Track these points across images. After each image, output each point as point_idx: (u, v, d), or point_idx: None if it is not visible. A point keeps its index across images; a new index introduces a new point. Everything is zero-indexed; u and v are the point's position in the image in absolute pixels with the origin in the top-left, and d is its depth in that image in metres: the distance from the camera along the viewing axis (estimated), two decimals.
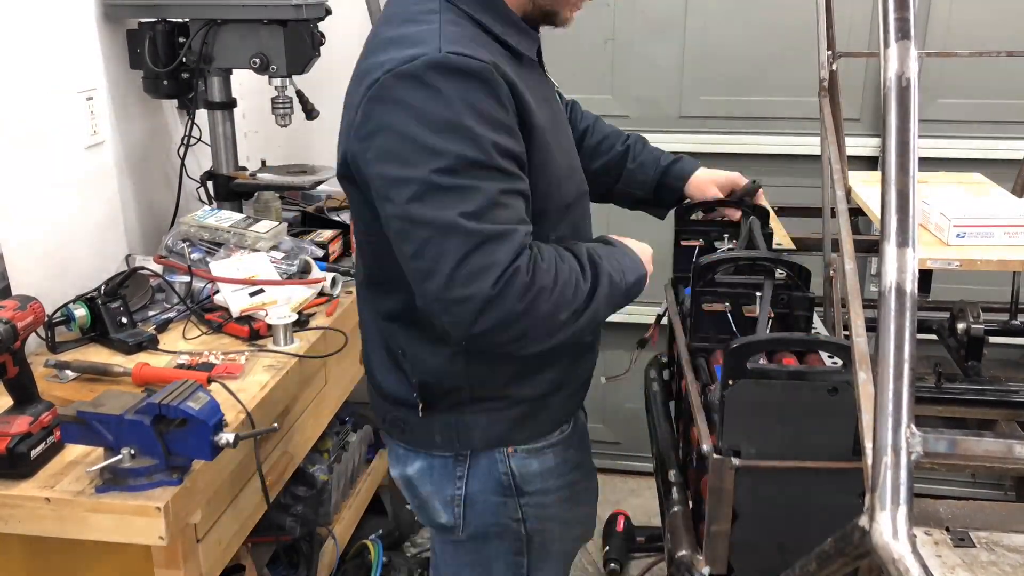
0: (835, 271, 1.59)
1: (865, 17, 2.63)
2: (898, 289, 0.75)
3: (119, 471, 1.33)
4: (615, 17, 2.76)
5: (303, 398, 1.86)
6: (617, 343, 3.04)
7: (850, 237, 1.38)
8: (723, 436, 1.22)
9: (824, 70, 1.74)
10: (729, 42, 2.74)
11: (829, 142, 1.63)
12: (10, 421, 1.38)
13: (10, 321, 1.36)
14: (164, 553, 1.38)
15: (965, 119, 2.69)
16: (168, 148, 2.33)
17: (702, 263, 1.49)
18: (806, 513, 1.22)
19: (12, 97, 1.77)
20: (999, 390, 1.76)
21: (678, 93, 2.80)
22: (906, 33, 0.79)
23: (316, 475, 2.18)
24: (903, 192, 0.76)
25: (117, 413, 1.32)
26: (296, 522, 2.11)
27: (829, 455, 1.20)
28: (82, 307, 1.80)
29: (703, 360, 1.49)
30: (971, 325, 1.83)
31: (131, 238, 2.15)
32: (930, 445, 0.74)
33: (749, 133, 2.79)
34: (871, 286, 2.71)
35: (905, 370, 0.74)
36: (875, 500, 0.72)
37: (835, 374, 1.20)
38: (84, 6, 2.00)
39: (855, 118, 2.72)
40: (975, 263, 1.48)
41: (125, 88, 2.14)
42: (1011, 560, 1.21)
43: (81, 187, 1.97)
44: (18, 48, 1.78)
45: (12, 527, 1.36)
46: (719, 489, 1.23)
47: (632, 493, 2.22)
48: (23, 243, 1.79)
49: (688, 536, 1.35)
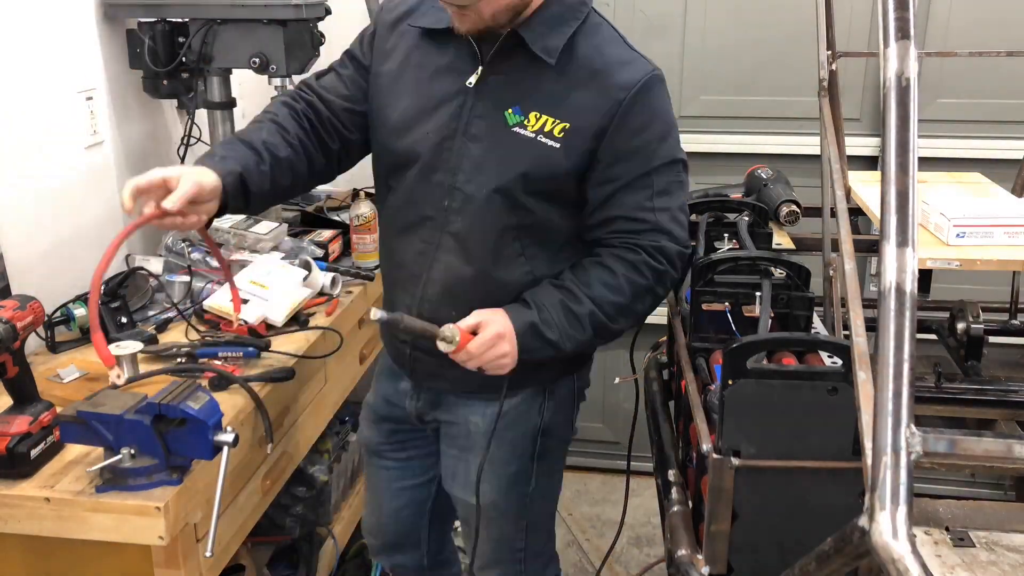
0: (835, 271, 1.59)
1: (865, 17, 2.63)
2: (898, 289, 0.75)
3: (119, 471, 1.33)
4: (615, 17, 2.76)
5: (303, 398, 1.86)
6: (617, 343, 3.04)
7: (850, 237, 1.38)
8: (723, 436, 1.22)
9: (824, 70, 1.74)
10: (729, 42, 2.74)
11: (829, 142, 1.63)
12: (10, 421, 1.38)
13: (10, 321, 1.35)
14: (164, 553, 1.38)
15: (965, 119, 2.69)
16: (168, 148, 2.33)
17: (702, 263, 1.49)
18: (806, 513, 1.22)
19: (12, 97, 1.77)
20: (999, 390, 1.76)
21: (678, 93, 2.80)
22: (906, 33, 0.79)
23: (316, 475, 2.18)
24: (903, 192, 0.76)
25: (117, 413, 1.32)
26: (296, 522, 2.11)
27: (829, 455, 1.20)
28: (82, 307, 1.80)
29: (703, 360, 1.49)
30: (971, 325, 1.83)
31: (131, 238, 2.15)
32: (930, 445, 0.74)
33: (749, 133, 2.79)
34: (871, 286, 2.71)
35: (905, 370, 0.74)
36: (875, 500, 0.72)
37: (835, 374, 1.20)
38: (84, 6, 2.00)
39: (855, 118, 2.72)
40: (975, 263, 1.48)
41: (125, 88, 2.14)
42: (1011, 560, 1.21)
43: (81, 187, 1.97)
44: (18, 48, 1.78)
45: (12, 527, 1.36)
46: (719, 489, 1.23)
47: (632, 493, 2.22)
48: (23, 243, 1.79)
49: (688, 536, 1.35)
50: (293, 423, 1.83)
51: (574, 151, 1.40)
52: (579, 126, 1.39)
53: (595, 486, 3.18)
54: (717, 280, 1.49)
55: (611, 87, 1.38)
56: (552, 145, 1.40)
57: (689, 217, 1.49)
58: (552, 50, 1.39)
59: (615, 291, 1.44)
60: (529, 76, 1.41)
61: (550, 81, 1.41)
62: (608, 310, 1.45)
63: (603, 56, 1.41)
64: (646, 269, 1.44)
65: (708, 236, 1.73)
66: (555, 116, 1.40)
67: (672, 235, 1.44)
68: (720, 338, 1.48)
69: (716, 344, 1.48)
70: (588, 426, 3.20)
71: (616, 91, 1.38)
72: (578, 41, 1.41)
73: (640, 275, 1.44)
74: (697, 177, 2.79)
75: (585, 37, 1.42)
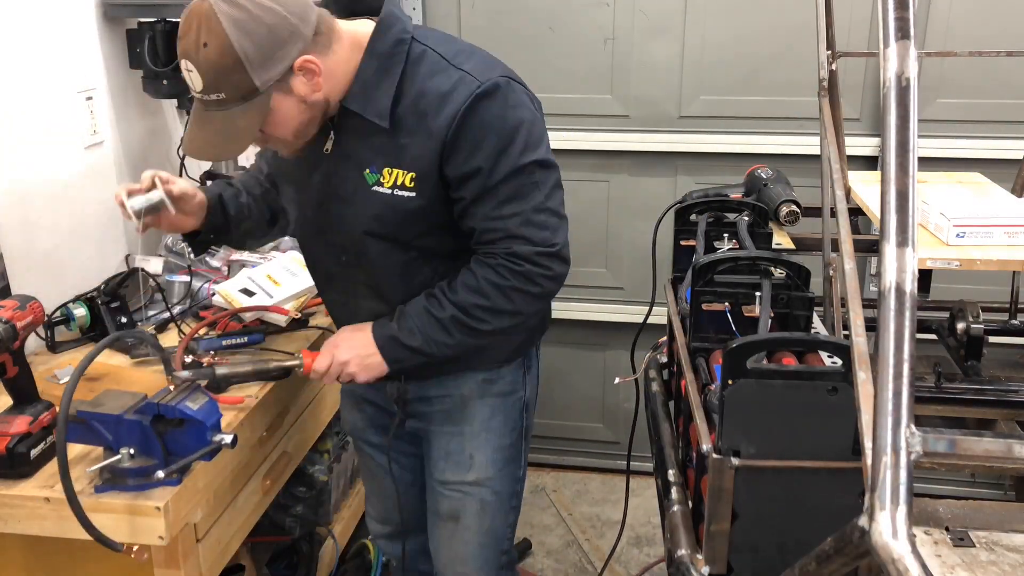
0: (835, 271, 1.59)
1: (865, 17, 2.63)
2: (898, 289, 0.75)
3: (118, 471, 1.33)
4: (615, 17, 2.76)
5: (303, 398, 1.86)
6: (618, 343, 3.04)
7: (850, 237, 1.38)
8: (723, 436, 1.22)
9: (824, 70, 1.74)
10: (729, 42, 2.74)
11: (829, 142, 1.63)
12: (10, 421, 1.38)
13: (9, 321, 1.35)
14: (164, 553, 1.38)
15: (965, 119, 2.69)
16: (168, 148, 2.33)
17: (702, 263, 1.49)
18: (806, 513, 1.22)
19: (12, 97, 1.77)
20: (998, 390, 1.76)
21: (678, 93, 2.80)
22: (906, 33, 0.79)
23: (316, 475, 2.18)
24: (903, 192, 0.76)
25: (116, 413, 1.33)
26: (296, 522, 2.11)
27: (829, 455, 1.20)
28: (82, 307, 1.80)
29: (703, 360, 1.49)
30: (971, 325, 1.83)
31: (131, 238, 2.15)
32: (930, 445, 0.74)
33: (749, 133, 2.79)
34: (871, 286, 2.71)
35: (905, 370, 0.74)
36: (875, 500, 0.71)
37: (835, 374, 1.20)
38: (84, 6, 2.00)
39: (855, 118, 2.72)
40: (975, 263, 1.48)
41: (125, 88, 2.14)
42: (1011, 560, 1.20)
43: (81, 187, 1.97)
44: (18, 48, 1.78)
45: (12, 527, 1.36)
46: (719, 489, 1.23)
47: (632, 493, 2.22)
48: (23, 243, 1.79)
49: (688, 536, 1.35)
50: (293, 423, 1.83)
51: (428, 193, 1.46)
52: (423, 171, 1.44)
53: (595, 486, 3.18)
54: (717, 280, 1.49)
55: (437, 127, 1.41)
56: (408, 196, 1.46)
57: (556, 212, 1.49)
58: (382, 113, 1.43)
59: (477, 293, 1.48)
60: (371, 137, 1.45)
61: (388, 137, 1.44)
62: (473, 311, 1.48)
63: (425, 97, 1.42)
64: (504, 271, 1.47)
65: (708, 236, 1.73)
66: (402, 168, 1.45)
67: (525, 238, 1.46)
68: (720, 338, 1.48)
69: (716, 344, 1.48)
70: (588, 426, 3.20)
71: (440, 129, 1.41)
72: (404, 87, 1.43)
73: (500, 277, 1.47)
74: (697, 177, 2.81)
75: (410, 79, 1.44)
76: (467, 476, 1.67)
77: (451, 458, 1.70)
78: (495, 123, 1.42)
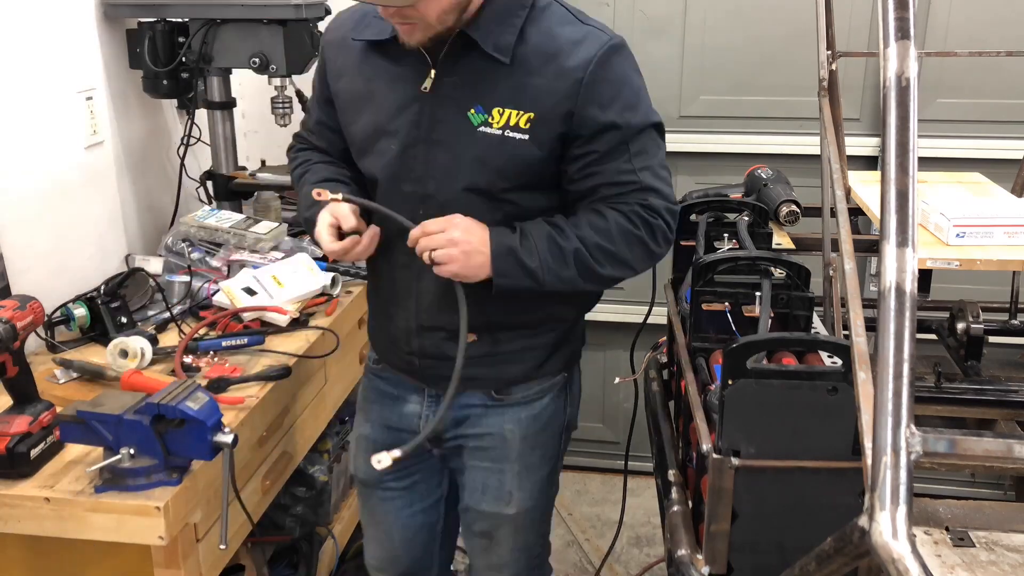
0: (835, 271, 1.59)
1: (865, 17, 2.63)
2: (898, 289, 0.75)
3: (118, 471, 1.33)
4: (615, 17, 2.76)
5: (302, 398, 1.86)
6: (618, 343, 3.04)
7: (850, 237, 1.38)
8: (723, 436, 1.22)
9: (824, 70, 1.74)
10: (729, 42, 2.74)
11: (829, 142, 1.63)
12: (10, 421, 1.38)
13: (9, 321, 1.35)
14: (164, 553, 1.38)
15: (965, 119, 2.69)
16: (168, 148, 2.33)
17: (702, 263, 1.49)
18: (806, 513, 1.22)
19: (12, 97, 1.77)
20: (998, 390, 1.76)
21: (678, 93, 2.80)
22: (906, 33, 0.79)
23: (316, 475, 2.17)
24: (903, 192, 0.76)
25: (116, 413, 1.32)
26: (296, 522, 2.10)
27: (829, 455, 1.20)
28: (82, 307, 1.80)
29: (703, 360, 1.49)
30: (971, 325, 1.83)
31: (131, 238, 2.15)
32: (930, 445, 0.74)
33: (749, 133, 2.79)
34: (871, 286, 2.71)
35: (905, 370, 0.74)
36: (875, 500, 0.71)
37: (835, 374, 1.20)
38: (84, 6, 2.00)
39: (855, 118, 2.72)
40: (975, 263, 1.48)
41: (125, 88, 2.14)
42: (1011, 560, 1.21)
43: (81, 187, 1.97)
44: (18, 48, 1.78)
45: (12, 527, 1.36)
46: (719, 489, 1.23)
47: (632, 493, 2.22)
48: (23, 243, 1.79)
49: (688, 536, 1.35)
50: (293, 423, 1.83)
51: (544, 139, 1.39)
52: (544, 113, 1.38)
53: (595, 486, 3.19)
54: (717, 280, 1.49)
55: (568, 69, 1.37)
56: (521, 138, 1.39)
57: (670, 175, 1.48)
58: (504, 48, 1.37)
59: (603, 234, 1.42)
60: (484, 74, 1.40)
61: (506, 75, 1.39)
62: (595, 252, 1.42)
63: (555, 40, 1.39)
64: (637, 219, 1.42)
65: (708, 236, 1.73)
66: (519, 108, 1.38)
67: (658, 191, 1.43)
68: (720, 338, 1.48)
69: (716, 344, 1.48)
70: (588, 426, 3.20)
71: (574, 71, 1.37)
72: (528, 30, 1.39)
73: (631, 223, 1.42)
74: (697, 177, 2.81)
75: (535, 24, 1.40)
76: (506, 510, 1.62)
77: (489, 492, 1.65)
78: (627, 78, 1.42)
